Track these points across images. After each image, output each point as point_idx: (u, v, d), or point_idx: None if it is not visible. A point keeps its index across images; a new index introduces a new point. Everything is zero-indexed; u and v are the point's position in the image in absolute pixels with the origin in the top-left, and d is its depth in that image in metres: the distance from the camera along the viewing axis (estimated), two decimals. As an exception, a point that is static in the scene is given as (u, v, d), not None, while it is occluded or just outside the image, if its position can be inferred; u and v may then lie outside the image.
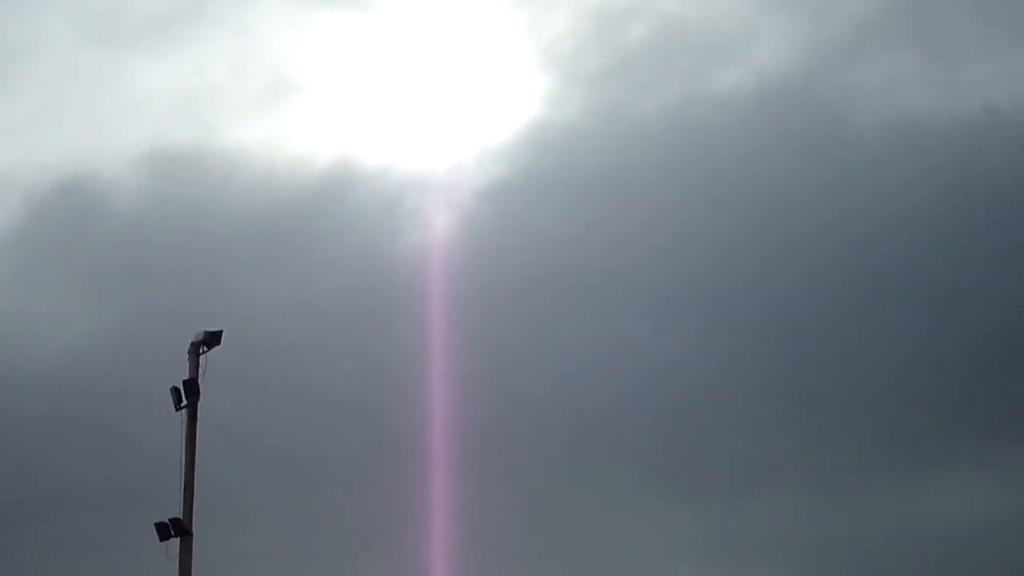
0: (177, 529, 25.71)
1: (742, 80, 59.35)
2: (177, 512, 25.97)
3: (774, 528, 47.24)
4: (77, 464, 45.39)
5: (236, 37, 63.81)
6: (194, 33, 63.13)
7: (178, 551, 25.78)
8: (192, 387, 26.45)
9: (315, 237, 54.99)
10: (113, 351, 48.54)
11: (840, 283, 52.81)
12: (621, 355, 51.26)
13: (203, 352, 26.66)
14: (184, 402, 26.45)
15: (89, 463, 45.02)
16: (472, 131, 60.85)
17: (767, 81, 58.87)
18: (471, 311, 48.06)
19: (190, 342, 26.79)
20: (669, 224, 54.77)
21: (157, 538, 25.70)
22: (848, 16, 61.19)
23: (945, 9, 61.94)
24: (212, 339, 26.66)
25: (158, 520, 25.76)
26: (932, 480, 49.28)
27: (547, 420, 48.80)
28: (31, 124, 62.21)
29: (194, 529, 25.97)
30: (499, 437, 46.67)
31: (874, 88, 59.31)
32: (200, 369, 26.61)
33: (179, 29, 63.01)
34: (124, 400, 43.08)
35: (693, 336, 52.07)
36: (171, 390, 26.53)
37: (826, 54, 60.45)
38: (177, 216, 55.59)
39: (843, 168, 55.63)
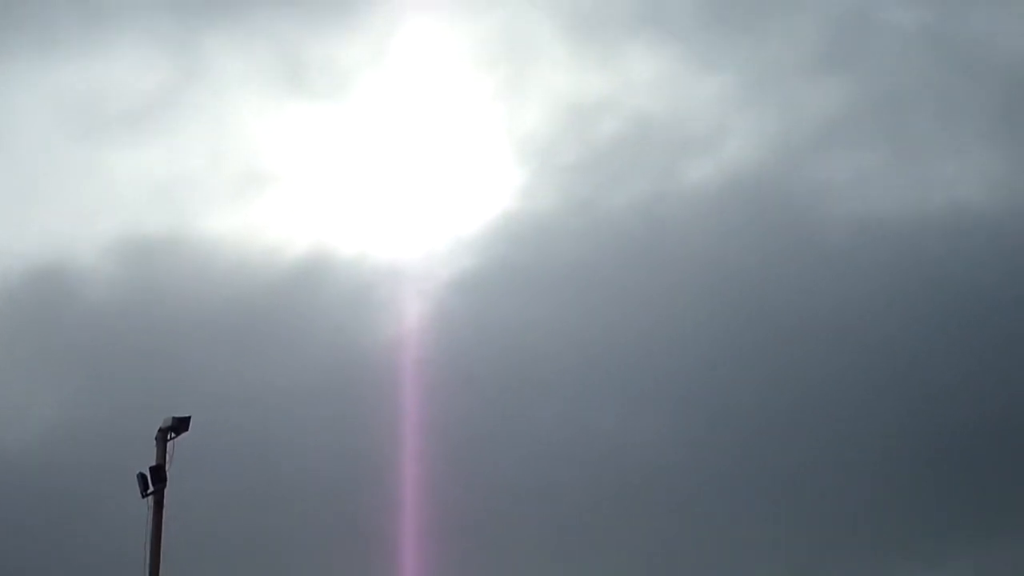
0: (142, 618, 25.15)
1: (711, 175, 59.78)
2: (142, 602, 25.42)
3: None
4: (43, 550, 44.59)
5: (211, 127, 63.86)
6: (169, 123, 63.18)
7: (143, 640, 25.20)
8: (159, 473, 25.97)
9: (288, 326, 54.73)
10: (82, 438, 47.94)
11: (810, 377, 52.79)
12: (589, 443, 51.08)
13: (171, 438, 26.23)
14: (151, 489, 25.95)
15: (54, 549, 44.25)
16: (445, 221, 60.95)
17: (736, 176, 59.31)
18: (443, 400, 47.87)
19: (158, 428, 26.35)
20: (638, 315, 54.83)
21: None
22: (816, 113, 61.79)
23: (912, 106, 62.59)
24: (180, 425, 26.24)
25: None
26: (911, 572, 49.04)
27: (516, 506, 48.42)
28: (3, 212, 61.88)
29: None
30: (468, 523, 46.26)
31: (842, 184, 59.72)
32: (167, 455, 26.14)
33: (154, 119, 63.05)
34: (91, 487, 42.50)
35: (661, 424, 51.88)
36: (137, 476, 26.04)
37: (794, 150, 60.95)
38: (149, 304, 55.34)
39: (812, 262, 55.89)
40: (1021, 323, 52.81)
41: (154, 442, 26.58)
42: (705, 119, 62.82)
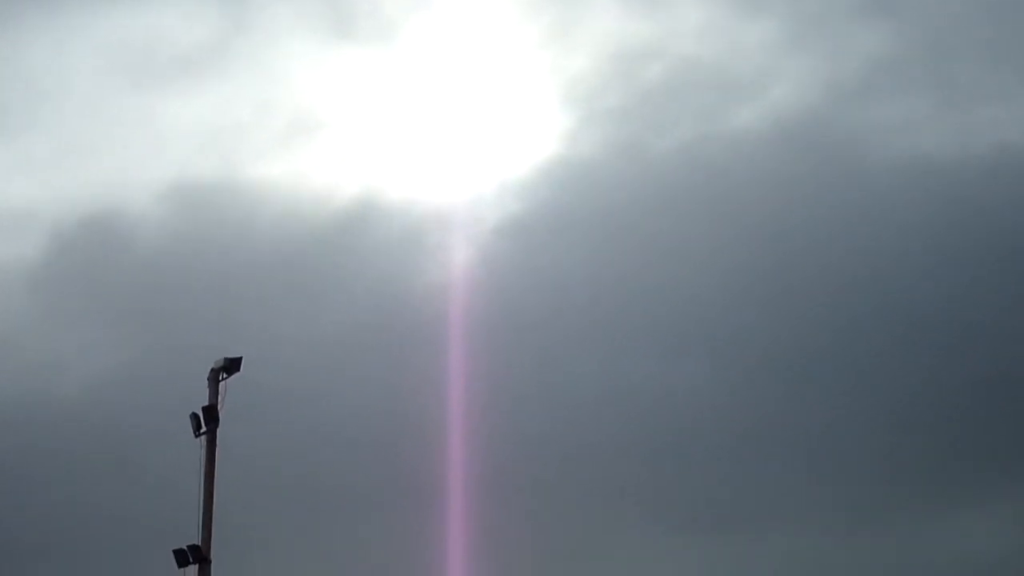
0: (196, 556, 25.29)
1: (757, 119, 59.38)
2: (196, 539, 25.58)
3: (779, 561, 46.85)
4: (98, 494, 45.21)
5: (259, 75, 63.93)
6: (218, 72, 63.30)
7: (196, 578, 25.41)
8: (211, 413, 26.05)
9: (336, 271, 55.05)
10: (135, 383, 48.45)
11: (850, 321, 52.57)
12: (632, 390, 51.12)
13: (223, 379, 26.26)
14: (203, 428, 26.08)
15: (110, 492, 44.87)
16: (492, 167, 60.82)
17: (781, 120, 58.87)
18: (488, 344, 47.87)
19: (210, 368, 26.45)
20: (683, 261, 54.69)
21: (176, 565, 25.27)
22: (862, 57, 61.17)
23: (957, 51, 61.87)
24: (232, 365, 26.27)
25: (176, 547, 25.36)
26: (938, 518, 48.87)
27: (560, 453, 48.66)
28: (57, 160, 62.36)
29: (212, 556, 25.56)
30: (513, 470, 46.43)
31: (888, 127, 59.20)
32: (220, 396, 26.23)
33: (203, 68, 63.20)
34: (145, 431, 42.95)
35: (704, 372, 51.98)
36: (190, 416, 26.15)
37: (840, 94, 60.43)
38: (200, 251, 55.78)
39: (856, 206, 55.48)
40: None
41: (206, 383, 26.67)
42: (751, 64, 62.47)
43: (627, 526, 47.92)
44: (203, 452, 26.14)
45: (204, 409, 26.21)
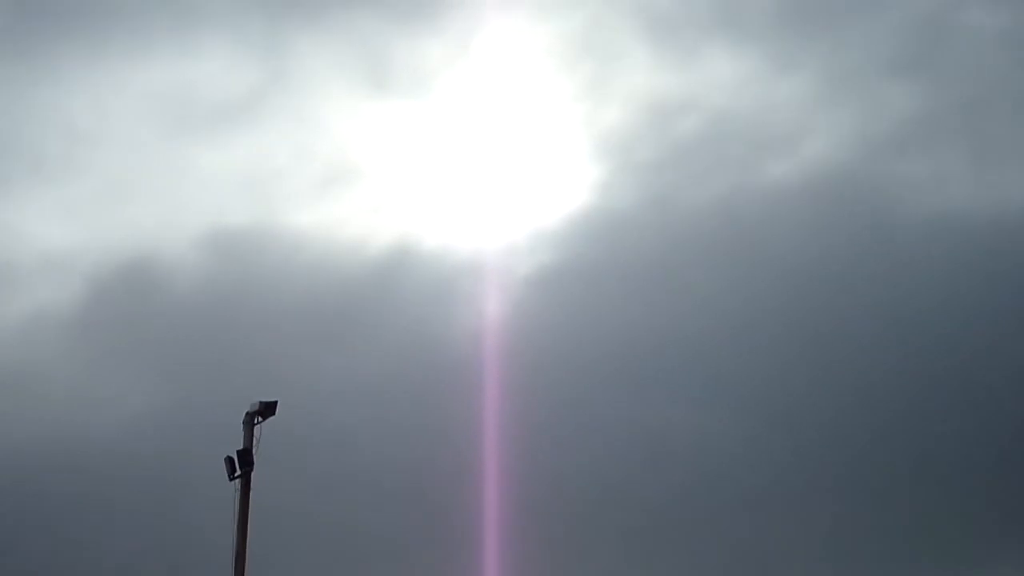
0: (229, 600, 25.27)
1: (789, 172, 59.31)
2: (229, 582, 25.55)
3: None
4: (134, 535, 45.12)
5: (297, 124, 64.23)
6: (256, 121, 63.69)
7: (229, 619, 25.33)
8: (246, 457, 26.05)
9: (371, 317, 55.08)
10: (171, 426, 48.44)
11: (878, 376, 52.15)
12: (663, 438, 50.90)
13: (258, 422, 26.29)
14: (238, 472, 26.02)
15: (145, 534, 44.75)
16: (525, 217, 60.89)
17: (814, 174, 58.79)
18: (521, 392, 47.74)
19: (245, 412, 26.41)
20: (712, 311, 54.54)
21: (208, 607, 25.23)
22: (895, 112, 61.08)
23: (989, 108, 61.73)
24: (267, 409, 26.31)
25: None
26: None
27: (592, 495, 48.40)
28: (96, 207, 62.72)
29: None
30: (547, 513, 46.17)
31: (920, 183, 59.01)
32: (254, 439, 26.19)
33: (242, 117, 63.56)
34: (181, 474, 42.86)
35: (730, 419, 51.66)
36: (225, 460, 26.14)
37: (873, 149, 60.31)
38: (235, 296, 55.99)
39: (887, 260, 55.22)
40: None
41: (241, 427, 26.63)
42: (784, 118, 62.41)
43: (657, 568, 47.63)
44: (237, 495, 26.09)
45: (239, 453, 26.19)
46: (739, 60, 63.57)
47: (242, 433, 26.57)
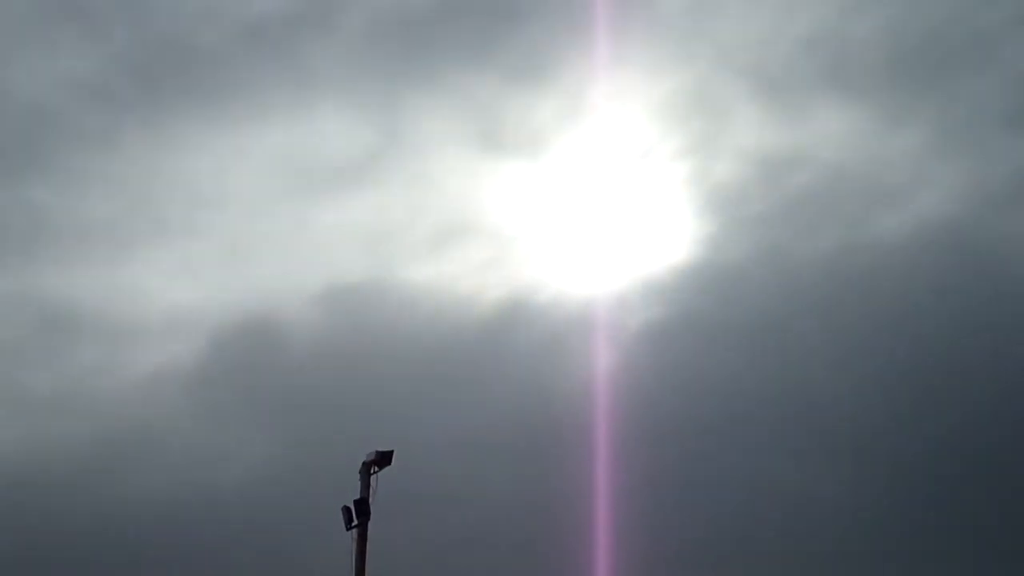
0: (346, 649, 25.21)
1: (902, 226, 58.53)
2: (347, 632, 25.51)
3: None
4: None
5: (411, 184, 64.77)
6: (372, 181, 64.32)
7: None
8: (363, 507, 26.06)
9: (482, 372, 55.28)
10: (289, 478, 48.91)
11: (998, 428, 50.95)
12: (775, 494, 50.29)
13: (374, 472, 26.31)
14: (355, 522, 26.03)
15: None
16: (635, 273, 60.62)
17: (927, 228, 57.96)
18: (633, 445, 47.38)
19: (361, 462, 26.46)
20: (824, 365, 53.85)
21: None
22: (1010, 165, 60.05)
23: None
24: (383, 459, 26.34)
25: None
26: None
27: (705, 552, 47.75)
28: (218, 266, 63.63)
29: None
30: (660, 569, 45.63)
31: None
32: (371, 489, 26.21)
33: (358, 177, 64.27)
34: (298, 524, 43.12)
35: (843, 474, 50.80)
36: (342, 509, 26.18)
37: (986, 202, 59.28)
38: (351, 351, 56.43)
39: (1000, 315, 54.09)
40: None
41: (358, 477, 26.68)
42: (896, 171, 61.63)
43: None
44: (354, 545, 26.11)
45: (356, 502, 26.22)
46: (849, 114, 63.05)
47: (359, 484, 26.60)
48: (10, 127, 62.46)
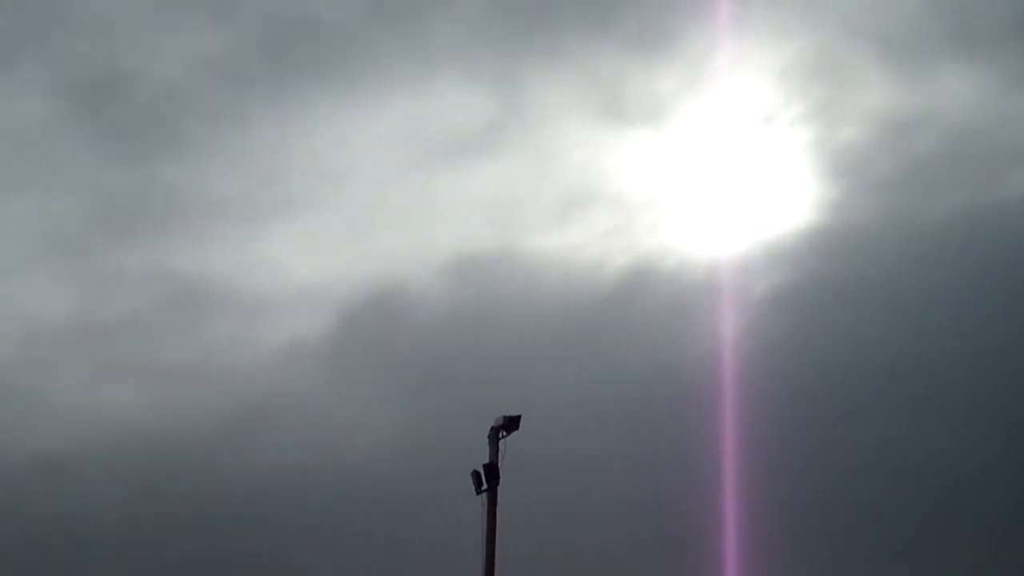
0: (480, 613, 25.23)
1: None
2: (478, 595, 25.52)
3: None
4: (385, 550, 45.97)
5: (534, 154, 64.65)
6: (495, 151, 64.32)
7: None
8: (492, 471, 26.03)
9: (608, 339, 55.10)
10: (420, 443, 49.30)
11: None
12: (904, 458, 49.43)
13: (502, 437, 26.26)
14: (484, 486, 26.02)
15: (396, 548, 45.56)
16: (761, 238, 59.88)
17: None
18: (760, 413, 46.92)
19: (490, 427, 26.42)
20: (953, 328, 52.71)
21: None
22: None
23: None
24: (511, 424, 26.28)
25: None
26: None
27: (834, 518, 47.23)
28: (346, 240, 64.15)
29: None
30: (789, 539, 45.09)
31: None
32: (500, 453, 26.16)
33: (482, 148, 64.32)
34: (429, 489, 43.46)
35: (978, 441, 49.71)
36: (472, 474, 26.18)
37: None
38: (478, 320, 56.87)
39: None
40: None
41: (487, 442, 26.65)
42: (1023, 131, 60.08)
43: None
44: (484, 509, 26.09)
45: (485, 467, 26.20)
46: (975, 75, 61.58)
47: (487, 449, 26.59)
48: (142, 107, 63.56)
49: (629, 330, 55.81)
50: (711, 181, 61.71)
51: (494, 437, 26.33)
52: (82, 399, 56.91)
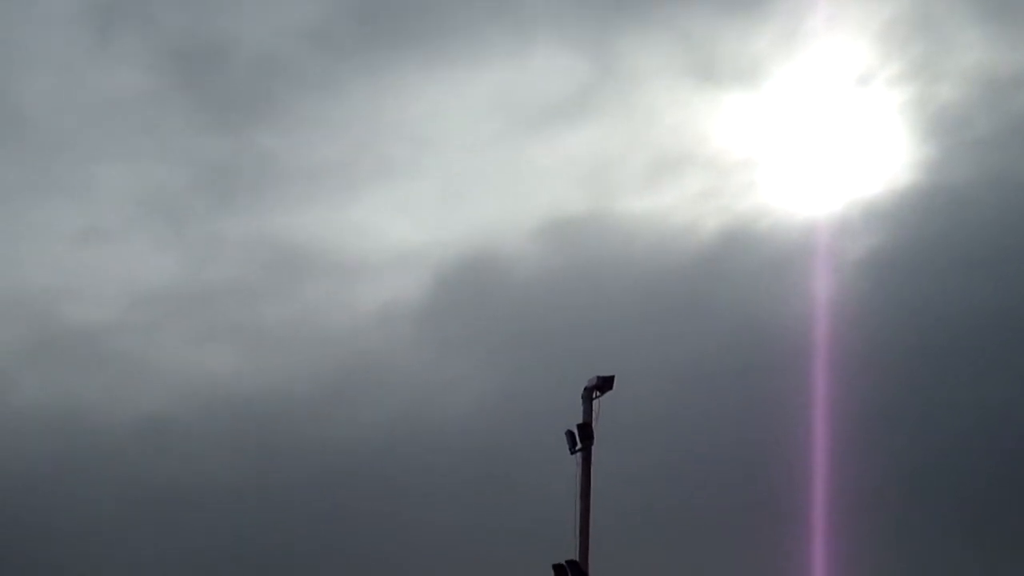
0: (574, 571, 25.22)
1: None
2: (572, 554, 25.42)
3: None
4: (481, 508, 46.38)
5: (627, 117, 64.27)
6: (588, 116, 64.06)
7: (576, 593, 25.25)
8: (586, 431, 26.00)
9: (700, 301, 54.91)
10: (514, 404, 49.64)
11: None
12: (1000, 422, 48.47)
13: (596, 397, 26.20)
14: (579, 446, 26.00)
15: (491, 507, 46.04)
16: (856, 200, 59.05)
17: None
18: (853, 376, 46.37)
19: (583, 387, 26.38)
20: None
21: (553, 580, 25.24)
22: None
23: None
24: (605, 384, 26.21)
25: (556, 562, 25.29)
26: None
27: (930, 484, 46.69)
28: (439, 205, 64.41)
29: (590, 571, 25.37)
30: (878, 499, 44.72)
31: None
32: (593, 413, 26.12)
33: (574, 112, 64.08)
34: (524, 448, 43.67)
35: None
36: (566, 434, 26.21)
37: None
38: (571, 282, 56.80)
39: None
40: None
41: (580, 402, 26.61)
42: None
43: (991, 558, 45.41)
44: (579, 469, 26.09)
45: (579, 427, 26.18)
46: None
47: (581, 409, 26.56)
48: (238, 76, 64.13)
49: (723, 292, 55.61)
50: (806, 142, 60.99)
51: (587, 397, 26.28)
52: (183, 362, 57.99)
